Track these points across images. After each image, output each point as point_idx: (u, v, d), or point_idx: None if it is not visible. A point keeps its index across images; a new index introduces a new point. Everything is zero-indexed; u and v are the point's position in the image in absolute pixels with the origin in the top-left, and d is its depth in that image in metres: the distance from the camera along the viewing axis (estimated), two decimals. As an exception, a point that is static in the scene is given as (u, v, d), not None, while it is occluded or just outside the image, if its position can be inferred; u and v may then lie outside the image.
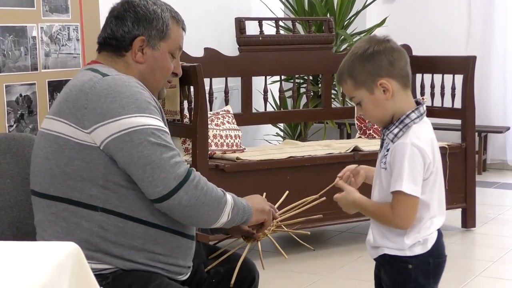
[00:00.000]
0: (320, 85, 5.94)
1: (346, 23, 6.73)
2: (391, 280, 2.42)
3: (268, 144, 6.41)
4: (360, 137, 5.56)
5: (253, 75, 5.28)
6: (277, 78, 5.70)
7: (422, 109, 2.36)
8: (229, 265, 2.53)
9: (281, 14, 7.07)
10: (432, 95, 5.49)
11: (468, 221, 5.28)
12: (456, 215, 5.26)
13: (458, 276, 4.31)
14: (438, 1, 7.66)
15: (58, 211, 2.31)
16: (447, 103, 5.45)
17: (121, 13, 2.44)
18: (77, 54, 4.05)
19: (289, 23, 6.28)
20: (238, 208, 2.40)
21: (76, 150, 2.27)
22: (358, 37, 6.53)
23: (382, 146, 2.41)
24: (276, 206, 2.61)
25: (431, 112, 5.37)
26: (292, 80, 5.68)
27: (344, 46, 6.59)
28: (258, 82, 5.64)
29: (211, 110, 4.98)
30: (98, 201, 2.28)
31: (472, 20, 7.56)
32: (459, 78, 5.30)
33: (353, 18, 6.74)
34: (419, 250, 2.36)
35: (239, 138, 4.86)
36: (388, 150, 2.34)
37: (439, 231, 2.41)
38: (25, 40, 3.78)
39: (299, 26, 6.53)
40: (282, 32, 5.96)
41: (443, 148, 4.96)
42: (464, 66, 5.26)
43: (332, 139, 6.07)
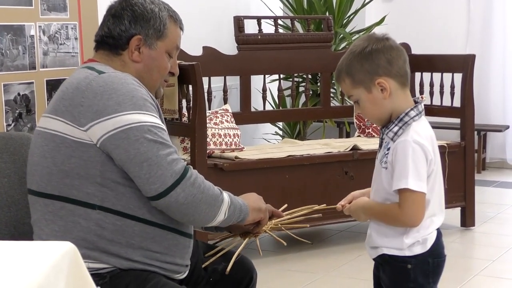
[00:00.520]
0: (319, 84, 5.93)
1: (345, 22, 6.72)
2: (390, 280, 2.41)
3: (267, 143, 6.40)
4: (359, 136, 5.56)
5: (252, 74, 5.27)
6: (276, 77, 5.69)
7: (421, 107, 2.36)
8: (227, 263, 2.52)
9: (280, 13, 7.06)
10: (431, 94, 5.48)
11: (468, 220, 5.28)
12: (455, 214, 5.25)
13: (457, 275, 4.30)
14: (437, 0, 7.65)
15: (56, 210, 2.30)
16: (446, 102, 5.45)
17: (119, 12, 2.43)
18: (76, 53, 4.04)
19: (288, 22, 6.27)
20: (235, 207, 2.40)
21: (73, 148, 2.27)
22: (357, 36, 6.52)
23: (381, 146, 2.40)
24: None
25: (430, 111, 5.38)
26: (291, 79, 5.68)
27: (343, 45, 6.59)
28: (257, 81, 5.63)
29: (210, 109, 4.97)
30: (96, 199, 2.27)
31: (471, 19, 7.55)
32: (458, 77, 5.29)
33: (352, 17, 6.73)
34: (419, 250, 2.35)
35: (238, 137, 4.86)
36: (389, 149, 2.33)
37: (439, 231, 2.40)
38: (23, 39, 3.78)
39: (298, 25, 6.53)
40: (281, 31, 5.95)
41: (442, 147, 4.96)
42: (463, 65, 5.25)
43: (331, 138, 6.07)
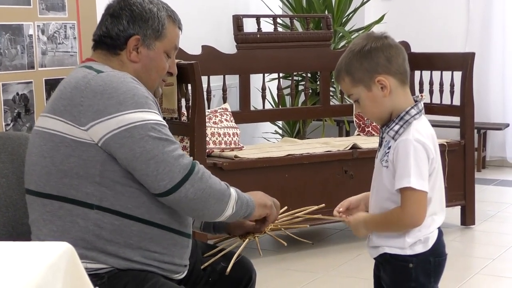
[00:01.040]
0: (319, 83, 5.93)
1: (344, 20, 6.71)
2: (391, 279, 2.40)
3: (267, 142, 6.40)
4: (359, 135, 5.55)
5: (251, 73, 5.27)
6: (275, 76, 5.68)
7: (421, 106, 2.35)
8: (225, 263, 2.51)
9: (279, 11, 7.06)
10: (431, 92, 5.48)
11: (468, 219, 5.27)
12: (456, 213, 5.25)
13: (457, 274, 4.30)
14: (437, -2, 7.65)
15: (54, 210, 2.30)
16: (446, 100, 5.44)
17: (117, 11, 2.42)
18: (74, 52, 4.03)
19: (287, 20, 6.27)
20: (242, 202, 2.40)
21: (73, 148, 2.26)
22: (356, 34, 6.52)
23: (381, 145, 2.39)
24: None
25: (430, 109, 5.37)
26: (291, 78, 5.67)
27: (343, 43, 6.58)
28: (256, 80, 5.62)
29: (209, 108, 4.96)
30: (94, 199, 2.27)
31: (471, 17, 7.55)
32: (458, 75, 5.28)
33: (351, 15, 6.73)
34: (420, 249, 2.34)
35: (237, 136, 4.85)
36: (390, 148, 2.32)
37: (440, 230, 2.39)
38: (22, 39, 3.77)
39: (297, 23, 6.51)
40: (280, 30, 5.95)
41: (442, 145, 4.95)
42: (463, 63, 5.25)
43: (331, 137, 6.07)
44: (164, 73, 2.48)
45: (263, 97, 5.38)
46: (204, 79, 4.76)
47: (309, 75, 6.04)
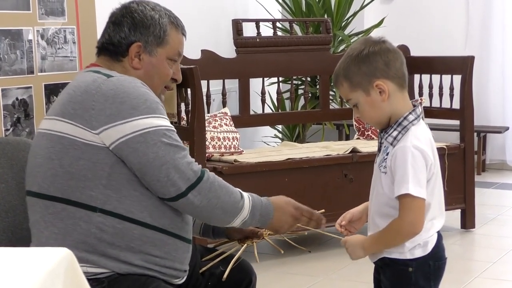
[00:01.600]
0: (318, 86, 5.93)
1: (344, 24, 6.72)
2: (391, 283, 2.39)
3: (266, 146, 6.40)
4: (359, 138, 5.55)
5: (251, 77, 5.27)
6: (275, 80, 5.68)
7: (419, 111, 2.35)
8: (224, 268, 2.52)
9: (278, 15, 7.06)
10: (431, 96, 5.48)
11: (468, 222, 5.27)
12: (456, 216, 5.25)
13: (458, 277, 4.29)
14: (436, 2, 7.65)
15: (56, 212, 2.30)
16: (446, 104, 5.44)
17: (119, 19, 2.44)
18: (74, 57, 4.03)
19: (287, 24, 6.27)
20: (254, 215, 2.39)
21: (82, 150, 2.27)
22: (356, 38, 6.52)
23: (380, 150, 2.38)
24: None
25: (430, 113, 5.38)
26: (290, 82, 5.67)
27: (342, 47, 6.58)
28: (256, 84, 5.62)
29: (209, 112, 4.96)
30: (98, 202, 2.28)
31: (470, 21, 7.55)
32: (458, 79, 5.28)
33: (351, 19, 6.73)
34: (420, 253, 2.34)
35: (237, 140, 4.85)
36: (388, 154, 2.32)
37: (439, 233, 2.39)
38: (21, 44, 3.77)
39: (297, 27, 6.52)
40: (280, 34, 5.95)
41: (442, 149, 4.95)
42: (462, 67, 5.25)
43: (331, 141, 6.06)
44: (168, 80, 2.50)
45: (263, 101, 5.38)
46: (204, 84, 4.76)
47: (309, 79, 6.04)
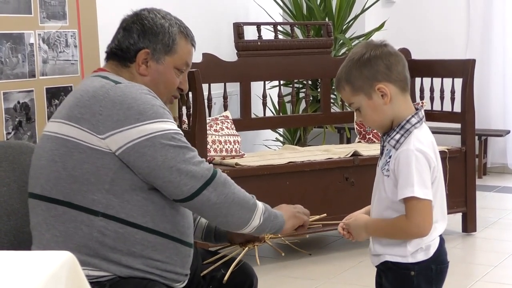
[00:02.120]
0: (319, 90, 5.93)
1: (345, 27, 6.72)
2: (393, 287, 2.40)
3: (268, 150, 6.40)
4: (360, 142, 5.55)
5: (252, 80, 5.27)
6: (276, 83, 5.69)
7: (421, 114, 2.35)
8: (225, 271, 2.52)
9: (280, 19, 7.07)
10: (432, 99, 5.48)
11: (469, 226, 5.27)
12: (457, 220, 5.25)
13: (459, 281, 4.29)
14: (437, 5, 7.66)
15: (58, 215, 2.30)
16: (447, 107, 5.44)
17: (129, 25, 2.47)
18: (75, 61, 4.03)
19: (288, 28, 6.27)
20: (270, 214, 2.42)
21: (87, 154, 2.27)
22: (357, 41, 6.52)
23: (383, 153, 2.38)
24: None
25: (431, 116, 5.38)
26: (291, 85, 5.67)
27: (343, 50, 6.58)
28: (257, 87, 5.63)
29: (210, 116, 4.97)
30: (100, 206, 2.28)
31: (471, 24, 7.56)
32: (459, 82, 5.28)
33: (352, 22, 6.74)
34: (422, 257, 2.34)
35: (238, 144, 4.85)
36: (391, 157, 2.32)
37: (441, 237, 2.39)
38: (23, 47, 3.77)
39: (298, 31, 6.52)
40: (281, 37, 5.95)
41: (443, 152, 4.95)
42: (464, 70, 5.25)
43: (332, 144, 6.06)
44: (174, 88, 2.50)
45: (264, 105, 5.39)
46: (205, 87, 4.77)
47: (310, 82, 6.04)
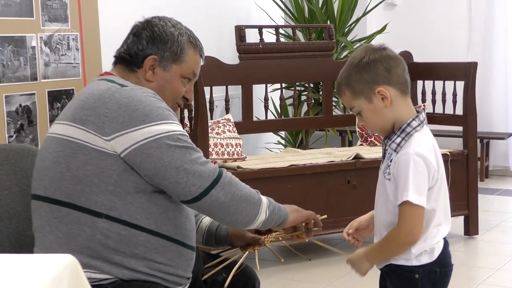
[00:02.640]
0: (321, 93, 5.93)
1: (347, 30, 6.72)
2: (398, 290, 2.40)
3: (269, 152, 6.39)
4: (362, 145, 5.55)
5: (254, 83, 5.26)
6: (278, 86, 5.69)
7: (422, 117, 2.35)
8: (227, 274, 2.53)
9: (281, 22, 7.07)
10: (433, 102, 5.48)
11: (471, 229, 5.27)
12: (459, 223, 5.24)
13: (461, 284, 4.28)
14: (439, 8, 7.66)
15: (61, 216, 2.31)
16: (449, 110, 5.44)
17: (139, 31, 2.50)
18: (77, 64, 4.04)
19: (289, 31, 6.28)
20: (274, 207, 2.45)
21: (91, 156, 2.28)
22: (359, 44, 6.52)
23: (385, 157, 2.38)
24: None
25: (433, 119, 5.37)
26: (293, 88, 5.67)
27: (345, 53, 6.58)
28: (259, 90, 5.62)
29: (212, 119, 4.97)
30: (103, 208, 2.28)
31: (473, 26, 7.56)
32: (460, 85, 5.28)
33: (354, 25, 6.74)
34: (426, 259, 2.34)
35: (240, 147, 4.85)
36: (392, 161, 2.32)
37: (445, 240, 2.39)
38: (25, 50, 3.77)
39: (300, 34, 6.53)
40: (283, 40, 5.95)
41: (445, 155, 4.95)
42: (465, 73, 5.25)
43: (334, 147, 6.06)
44: (179, 97, 2.52)
45: (266, 108, 5.38)
46: (207, 90, 4.77)
47: (312, 85, 6.04)
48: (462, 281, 4.35)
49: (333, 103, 5.78)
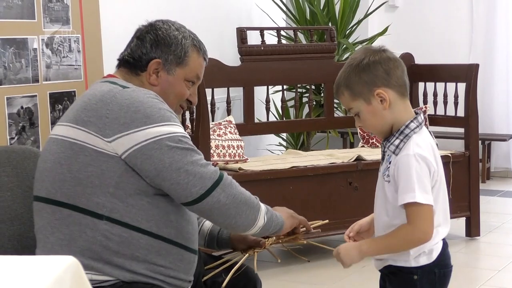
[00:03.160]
0: (323, 94, 5.93)
1: (348, 32, 6.72)
2: (397, 291, 2.40)
3: (271, 154, 6.39)
4: (363, 146, 5.55)
5: (255, 85, 5.27)
6: (279, 88, 5.69)
7: (421, 118, 2.35)
8: (227, 276, 2.52)
9: (283, 24, 7.07)
10: (435, 104, 5.48)
11: (472, 230, 5.26)
12: (460, 224, 5.24)
13: (462, 286, 4.29)
14: (440, 10, 7.66)
15: (63, 217, 2.31)
16: (450, 112, 5.44)
17: (143, 35, 2.51)
18: (78, 66, 4.04)
19: (291, 33, 6.28)
20: (271, 214, 2.45)
21: (93, 157, 2.28)
22: (360, 46, 6.52)
23: (384, 159, 2.38)
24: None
25: (434, 121, 5.38)
26: (294, 90, 5.67)
27: (346, 55, 6.58)
28: (260, 92, 5.63)
29: (213, 121, 4.97)
30: (104, 210, 2.29)
31: (475, 28, 7.56)
32: (462, 86, 5.28)
33: (355, 27, 6.74)
34: (425, 261, 2.34)
35: (242, 149, 4.85)
36: (391, 163, 2.32)
37: (444, 241, 2.39)
38: (26, 52, 3.78)
39: (301, 36, 6.53)
40: (284, 42, 5.95)
41: (447, 157, 4.95)
42: (467, 74, 5.25)
43: (335, 149, 6.06)
44: (183, 99, 2.53)
45: (267, 109, 5.39)
46: (208, 92, 4.77)
47: (313, 87, 6.05)
48: (464, 283, 4.35)
49: (335, 105, 5.78)
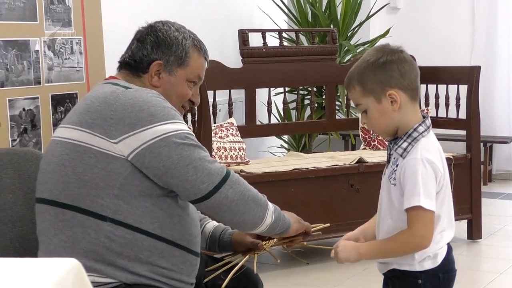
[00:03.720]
0: (324, 97, 5.93)
1: (350, 34, 6.72)
2: (401, 295, 2.39)
3: (273, 156, 6.39)
4: (365, 149, 5.55)
5: (257, 87, 5.27)
6: (281, 90, 5.69)
7: (428, 122, 2.34)
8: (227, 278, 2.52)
9: (284, 26, 7.07)
10: (437, 106, 5.48)
11: (474, 233, 5.26)
12: (462, 227, 5.23)
13: (465, 288, 4.28)
14: (442, 12, 7.66)
15: (66, 219, 2.31)
16: (452, 114, 5.44)
17: (143, 37, 2.51)
18: (80, 68, 4.04)
19: (293, 35, 6.28)
20: (279, 213, 2.46)
21: (98, 159, 2.28)
22: (362, 48, 6.53)
23: (389, 162, 2.37)
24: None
25: (436, 123, 5.37)
26: (296, 92, 5.67)
27: (348, 57, 6.59)
28: (262, 94, 5.63)
29: (215, 123, 4.97)
30: (108, 211, 2.28)
31: (476, 30, 7.56)
32: (464, 89, 5.28)
33: (357, 29, 6.74)
34: (429, 265, 2.33)
35: (243, 151, 4.85)
36: (397, 166, 2.31)
37: (449, 245, 2.38)
38: (28, 54, 3.77)
39: (303, 38, 6.53)
40: (286, 44, 5.95)
41: (448, 159, 4.93)
42: (469, 77, 5.24)
43: (337, 151, 6.06)
44: (185, 100, 2.53)
45: (269, 112, 5.39)
46: (210, 94, 4.77)
47: (315, 89, 6.05)
48: (465, 285, 4.34)
49: (336, 107, 5.78)
